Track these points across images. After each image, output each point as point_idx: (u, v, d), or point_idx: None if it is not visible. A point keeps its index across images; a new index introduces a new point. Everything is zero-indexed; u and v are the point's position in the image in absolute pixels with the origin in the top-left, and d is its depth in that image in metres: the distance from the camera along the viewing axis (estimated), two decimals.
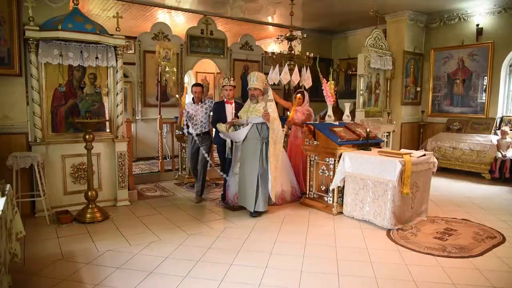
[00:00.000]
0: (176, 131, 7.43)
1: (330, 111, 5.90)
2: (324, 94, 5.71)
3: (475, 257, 3.75)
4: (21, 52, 4.84)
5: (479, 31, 8.13)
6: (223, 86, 5.61)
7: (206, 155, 5.65)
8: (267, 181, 4.92)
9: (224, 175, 5.60)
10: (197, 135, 5.69)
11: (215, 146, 5.97)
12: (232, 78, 5.64)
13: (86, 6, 8.62)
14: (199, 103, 5.77)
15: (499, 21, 7.92)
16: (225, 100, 5.56)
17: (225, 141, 5.54)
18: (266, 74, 6.43)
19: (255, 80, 5.01)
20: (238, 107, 5.42)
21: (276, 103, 5.46)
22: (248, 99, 5.13)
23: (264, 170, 4.91)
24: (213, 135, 5.88)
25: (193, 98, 5.86)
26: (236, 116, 5.33)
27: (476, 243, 4.11)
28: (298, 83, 7.23)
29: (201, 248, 3.91)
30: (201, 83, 8.03)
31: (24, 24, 4.77)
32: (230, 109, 5.52)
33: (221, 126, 5.28)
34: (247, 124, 4.99)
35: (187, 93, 7.38)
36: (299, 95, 6.06)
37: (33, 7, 4.79)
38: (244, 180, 5.04)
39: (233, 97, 5.59)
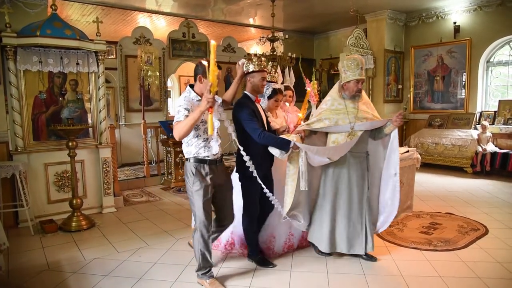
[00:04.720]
0: (161, 135, 7.36)
1: (314, 111, 5.93)
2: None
3: (460, 249, 3.83)
4: None
5: (457, 29, 8.31)
6: (249, 72, 3.28)
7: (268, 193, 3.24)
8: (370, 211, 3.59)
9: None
10: (219, 161, 3.11)
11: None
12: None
13: (65, 12, 8.48)
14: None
15: (475, 19, 8.12)
16: (254, 97, 3.37)
17: (269, 166, 3.43)
18: None
19: (363, 67, 3.44)
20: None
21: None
22: (336, 96, 3.75)
23: (370, 195, 3.59)
24: (242, 159, 3.15)
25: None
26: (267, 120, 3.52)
27: (461, 236, 4.19)
28: (282, 83, 7.27)
29: (190, 252, 3.87)
30: None
31: (0, 30, 4.67)
32: (262, 112, 3.47)
33: (293, 138, 3.19)
34: (352, 133, 3.43)
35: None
36: (289, 91, 4.58)
37: (10, 13, 4.71)
38: (342, 215, 3.48)
39: None
